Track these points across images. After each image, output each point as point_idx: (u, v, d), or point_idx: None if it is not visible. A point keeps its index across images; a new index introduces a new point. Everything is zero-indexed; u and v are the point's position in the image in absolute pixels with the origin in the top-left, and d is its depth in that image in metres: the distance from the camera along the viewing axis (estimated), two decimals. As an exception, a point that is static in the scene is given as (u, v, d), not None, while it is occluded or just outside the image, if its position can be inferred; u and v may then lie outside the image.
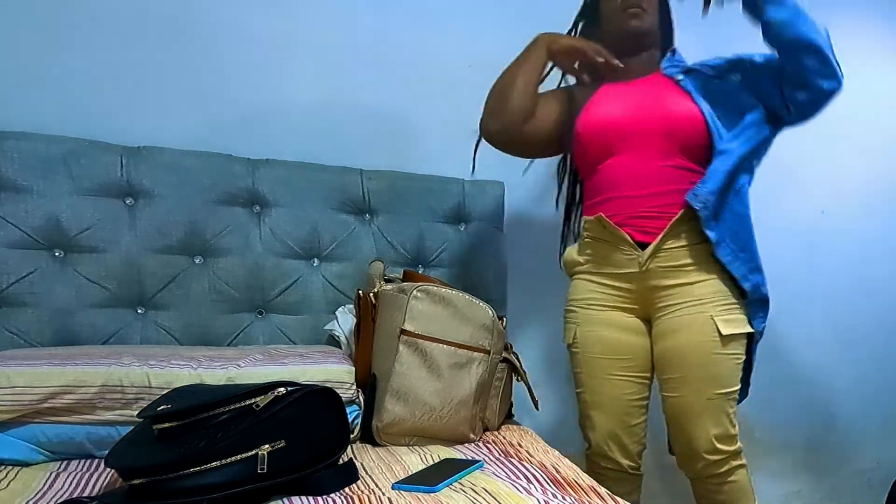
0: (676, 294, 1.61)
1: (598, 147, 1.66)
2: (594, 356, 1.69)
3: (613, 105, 1.66)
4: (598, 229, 1.66)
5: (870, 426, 2.73)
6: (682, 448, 1.67)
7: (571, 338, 1.73)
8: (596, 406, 1.71)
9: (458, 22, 2.09)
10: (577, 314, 1.72)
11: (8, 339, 1.55)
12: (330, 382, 1.44)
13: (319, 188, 1.85)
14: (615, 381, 1.69)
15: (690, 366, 1.60)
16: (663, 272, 1.61)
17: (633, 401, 1.70)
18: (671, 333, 1.62)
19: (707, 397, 1.60)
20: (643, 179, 1.61)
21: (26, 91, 1.67)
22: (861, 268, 2.68)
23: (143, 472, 1.08)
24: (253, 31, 1.86)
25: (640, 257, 1.61)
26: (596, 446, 1.73)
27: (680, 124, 1.60)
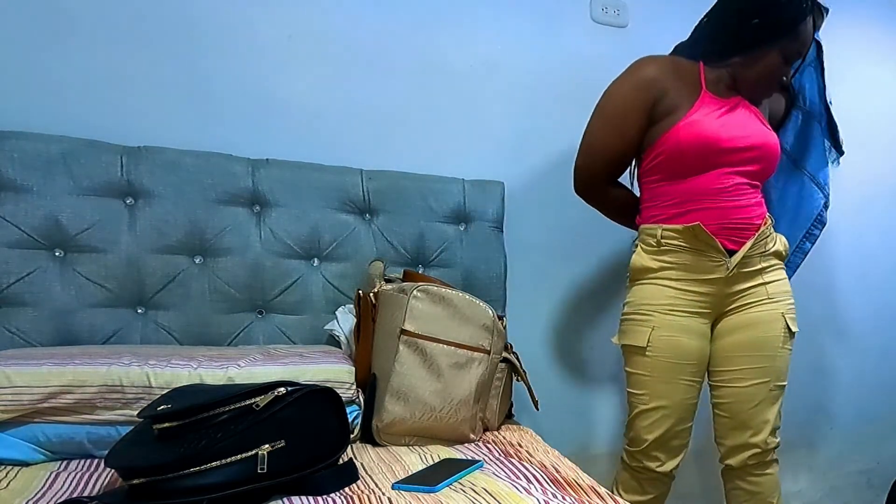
0: (752, 293, 1.73)
1: (702, 159, 1.66)
2: (668, 360, 1.70)
3: (717, 124, 1.67)
4: (689, 237, 1.67)
5: (870, 426, 2.73)
6: (737, 438, 1.76)
7: (645, 341, 1.71)
8: (657, 410, 1.72)
9: (458, 22, 2.09)
10: (653, 318, 1.71)
11: (8, 339, 1.54)
12: (330, 382, 1.44)
13: (319, 188, 1.84)
14: (681, 385, 1.72)
15: (760, 358, 1.73)
16: (744, 276, 1.71)
17: (691, 404, 1.75)
18: (744, 328, 1.73)
19: (769, 388, 1.74)
20: (732, 193, 1.69)
21: (26, 91, 1.67)
22: (861, 267, 2.68)
23: (143, 472, 1.08)
24: (253, 31, 1.86)
25: (728, 264, 1.68)
26: (650, 447, 1.74)
27: (771, 159, 1.74)
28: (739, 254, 1.68)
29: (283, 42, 1.89)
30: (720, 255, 1.67)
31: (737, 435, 1.76)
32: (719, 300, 1.72)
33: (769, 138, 1.73)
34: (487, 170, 2.07)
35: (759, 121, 1.75)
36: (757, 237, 1.70)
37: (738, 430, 1.75)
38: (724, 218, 1.68)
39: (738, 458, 1.77)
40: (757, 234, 1.70)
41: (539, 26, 2.17)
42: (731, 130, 1.67)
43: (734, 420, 1.75)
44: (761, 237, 1.71)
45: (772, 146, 1.73)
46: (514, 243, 2.09)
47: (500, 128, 2.14)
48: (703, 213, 1.68)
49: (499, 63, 2.12)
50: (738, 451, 1.77)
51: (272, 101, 1.88)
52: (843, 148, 2.00)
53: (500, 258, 2.03)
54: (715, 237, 1.66)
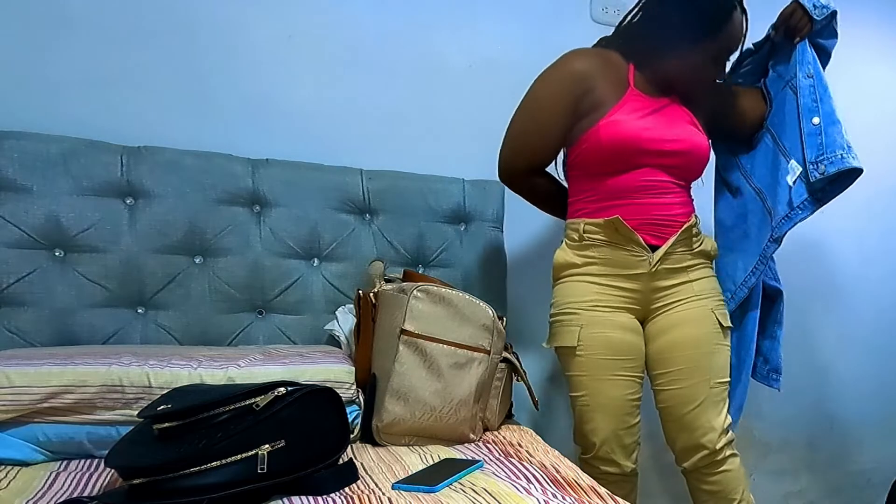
0: (678, 291, 1.71)
1: (623, 159, 1.65)
2: (600, 357, 1.68)
3: (641, 122, 1.65)
4: (610, 231, 1.66)
5: (870, 426, 2.73)
6: (684, 440, 1.72)
7: (575, 340, 1.69)
8: (599, 409, 1.70)
9: (458, 22, 2.09)
10: (580, 316, 1.69)
11: (8, 339, 1.55)
12: (330, 382, 1.44)
13: (319, 188, 1.85)
14: (618, 381, 1.69)
15: (694, 357, 1.69)
16: (668, 273, 1.70)
17: (632, 400, 1.72)
18: (673, 328, 1.70)
19: (710, 386, 1.69)
20: (655, 191, 1.68)
21: (27, 91, 1.67)
22: (861, 267, 2.68)
23: (144, 472, 1.08)
24: (253, 30, 1.86)
25: (651, 259, 1.66)
26: (600, 450, 1.71)
27: (698, 159, 1.73)
28: (662, 248, 1.66)
29: (283, 42, 1.89)
30: (642, 249, 1.66)
31: (684, 437, 1.72)
32: (645, 296, 1.70)
33: (696, 140, 1.70)
34: (487, 170, 2.06)
35: (689, 122, 1.72)
36: (680, 234, 1.68)
37: (685, 433, 1.71)
38: (646, 214, 1.67)
39: (691, 461, 1.73)
40: (680, 231, 1.68)
41: (539, 26, 2.17)
42: (653, 132, 1.65)
43: (679, 423, 1.71)
44: (686, 234, 1.69)
45: (698, 148, 1.71)
46: (514, 243, 2.09)
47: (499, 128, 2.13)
48: (625, 209, 1.66)
49: (499, 63, 2.12)
50: (688, 453, 1.73)
51: (272, 101, 1.88)
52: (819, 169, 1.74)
53: (500, 258, 2.03)
54: (636, 231, 1.65)
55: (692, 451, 1.71)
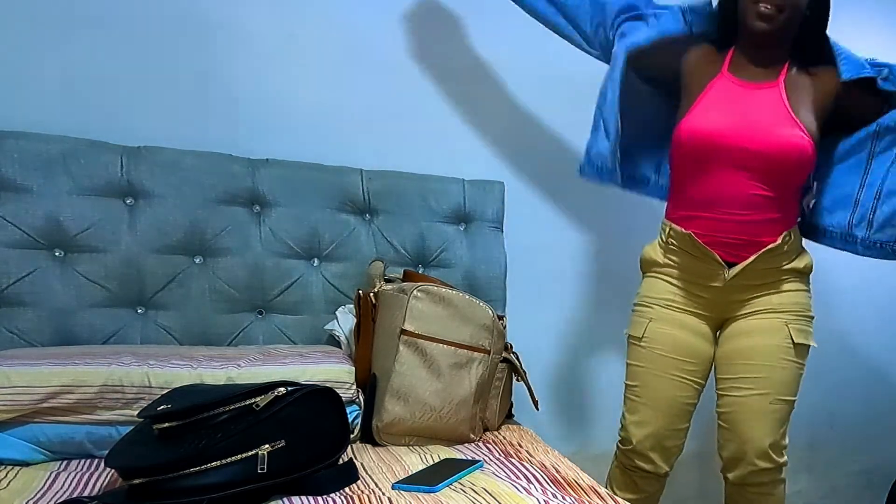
0: (755, 302, 1.67)
1: (698, 158, 1.61)
2: (661, 353, 1.68)
3: (722, 116, 1.59)
4: (688, 244, 1.66)
5: (870, 426, 2.73)
6: (734, 450, 1.69)
7: (642, 332, 1.70)
8: (650, 404, 1.70)
9: (458, 22, 2.09)
10: (652, 310, 1.71)
11: (8, 339, 1.54)
12: (330, 382, 1.44)
13: (319, 188, 1.84)
14: (675, 381, 1.69)
15: (758, 367, 1.65)
16: (746, 287, 1.66)
17: (685, 404, 1.71)
18: (744, 335, 1.68)
19: (769, 401, 1.64)
20: (737, 204, 1.60)
21: (26, 91, 1.66)
22: (861, 268, 2.67)
23: (143, 472, 1.08)
24: (253, 30, 1.86)
25: (726, 274, 1.63)
26: (638, 444, 1.71)
27: (786, 158, 1.57)
28: (738, 267, 1.62)
29: (284, 42, 1.89)
30: (718, 265, 1.63)
31: (734, 447, 1.69)
32: (721, 305, 1.69)
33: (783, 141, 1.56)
34: (487, 170, 2.07)
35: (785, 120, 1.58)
36: (761, 254, 1.61)
37: (736, 442, 1.68)
38: (723, 231, 1.62)
39: (736, 474, 1.70)
40: (761, 252, 1.61)
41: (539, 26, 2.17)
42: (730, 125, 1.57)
43: (733, 431, 1.68)
44: (770, 254, 1.62)
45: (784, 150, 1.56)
46: (514, 243, 2.09)
47: (500, 128, 2.14)
48: (703, 223, 1.63)
49: (499, 63, 2.12)
50: (736, 465, 1.69)
51: (272, 101, 1.88)
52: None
53: (500, 258, 2.03)
54: (711, 248, 1.62)
55: (739, 464, 1.68)
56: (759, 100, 1.60)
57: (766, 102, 1.60)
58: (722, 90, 1.63)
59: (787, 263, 1.67)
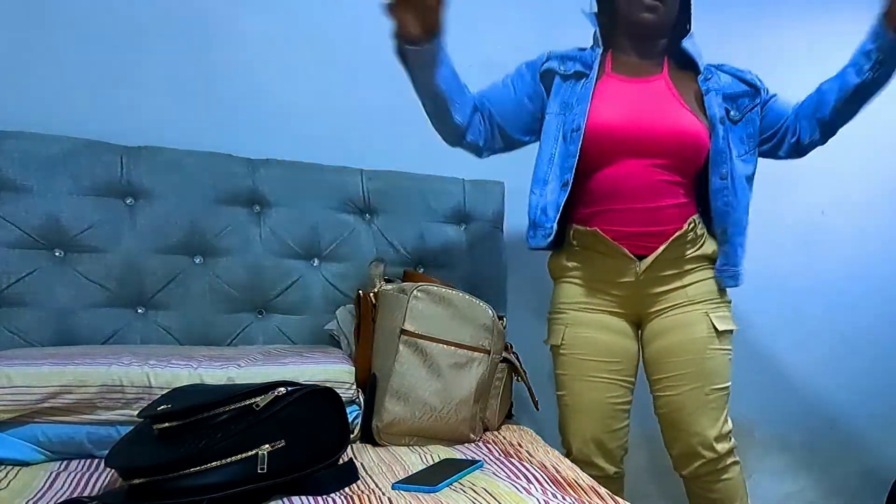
0: (671, 296, 1.66)
1: (597, 152, 1.61)
2: (582, 358, 1.67)
3: (617, 109, 1.61)
4: (594, 242, 1.64)
5: (870, 426, 2.73)
6: (680, 447, 1.69)
7: (559, 339, 1.69)
8: (579, 409, 1.68)
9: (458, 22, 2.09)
10: (567, 316, 1.69)
11: (8, 339, 1.55)
12: (330, 382, 1.44)
13: (319, 188, 1.85)
14: (601, 383, 1.67)
15: (687, 363, 1.64)
16: (659, 279, 1.64)
17: (617, 404, 1.68)
18: (665, 332, 1.66)
19: (704, 393, 1.63)
20: (640, 193, 1.60)
21: (27, 91, 1.67)
22: (861, 268, 2.68)
23: (144, 472, 1.08)
24: (253, 30, 1.86)
25: (637, 268, 1.62)
26: (577, 452, 1.69)
27: (687, 143, 1.61)
28: (648, 259, 1.61)
29: (284, 42, 1.89)
30: (628, 260, 1.61)
31: (681, 444, 1.68)
32: (636, 300, 1.66)
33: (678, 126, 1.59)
34: (487, 170, 2.06)
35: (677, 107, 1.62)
36: (669, 244, 1.60)
37: (681, 440, 1.67)
38: (628, 222, 1.60)
39: (689, 469, 1.69)
40: (669, 241, 1.60)
41: (539, 26, 2.17)
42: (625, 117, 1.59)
43: (675, 429, 1.68)
44: (677, 243, 1.61)
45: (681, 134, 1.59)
46: (514, 243, 2.09)
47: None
48: (609, 216, 1.62)
49: (499, 63, 2.12)
50: (686, 460, 1.69)
51: (272, 101, 1.88)
52: None
53: (500, 258, 2.03)
54: (619, 243, 1.60)
55: (689, 459, 1.68)
56: (648, 91, 1.63)
57: (655, 92, 1.63)
58: (611, 90, 1.64)
59: (695, 250, 1.65)
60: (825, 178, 2.59)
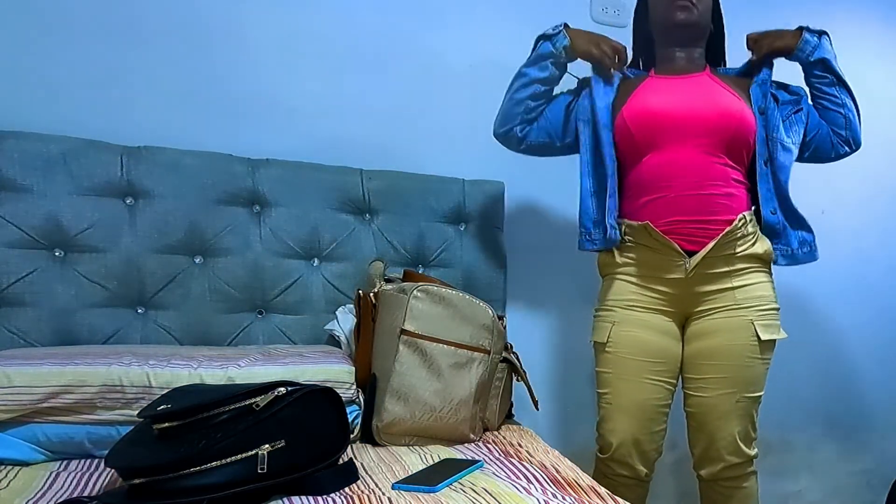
0: (718, 298, 1.65)
1: (644, 138, 1.63)
2: (628, 357, 1.66)
3: (661, 96, 1.66)
4: (644, 236, 1.64)
5: (870, 426, 2.73)
6: (704, 448, 1.70)
7: (606, 336, 1.68)
8: (621, 410, 1.68)
9: (458, 22, 2.09)
10: (615, 314, 1.68)
11: (8, 339, 1.55)
12: (330, 382, 1.44)
13: (319, 188, 1.84)
14: (645, 384, 1.66)
15: (725, 368, 1.65)
16: (708, 277, 1.64)
17: (659, 406, 1.69)
18: (709, 334, 1.66)
19: (736, 399, 1.65)
20: (689, 178, 1.62)
21: (27, 91, 1.67)
22: (860, 268, 2.68)
23: (143, 472, 1.08)
24: (253, 30, 1.86)
25: (687, 264, 1.62)
26: (616, 452, 1.68)
27: (729, 121, 1.63)
28: (698, 255, 1.61)
29: (284, 42, 1.89)
30: (678, 255, 1.62)
31: (705, 446, 1.69)
32: (684, 299, 1.66)
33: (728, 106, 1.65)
34: (487, 170, 2.07)
35: (723, 90, 1.69)
36: (720, 239, 1.60)
37: (706, 441, 1.69)
38: (679, 210, 1.61)
39: (709, 471, 1.71)
40: (719, 237, 1.60)
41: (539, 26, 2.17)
42: (670, 102, 1.65)
43: (702, 430, 1.69)
44: (728, 238, 1.61)
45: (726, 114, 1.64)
46: (514, 243, 2.09)
47: (500, 128, 2.13)
48: (656, 205, 1.63)
49: (499, 63, 2.12)
50: (707, 462, 1.70)
51: (272, 101, 1.88)
52: None
53: (500, 258, 2.03)
54: (669, 236, 1.61)
55: (711, 461, 1.69)
56: (692, 83, 1.69)
57: (699, 84, 1.69)
58: (654, 85, 1.71)
59: (746, 248, 1.65)
60: (825, 178, 2.59)
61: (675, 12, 1.67)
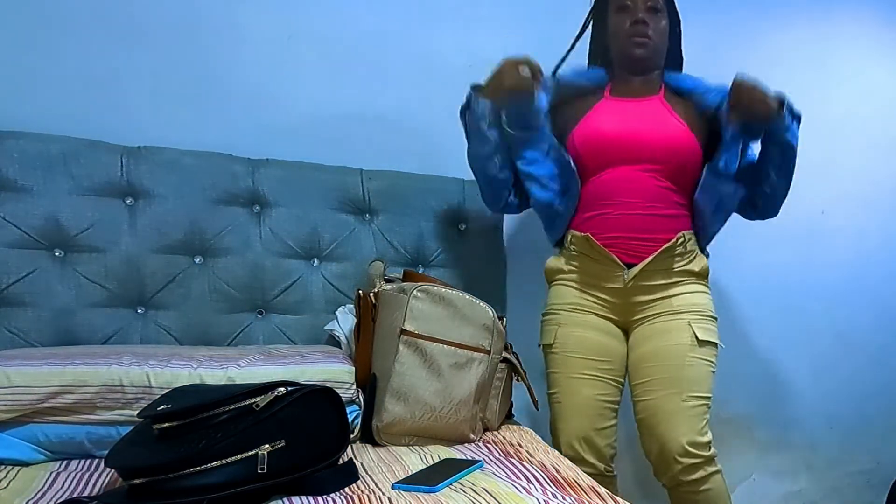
0: (656, 305, 1.72)
1: (594, 159, 1.71)
2: (573, 356, 1.73)
3: (612, 120, 1.72)
4: (586, 247, 1.72)
5: (870, 426, 2.73)
6: (656, 452, 1.70)
7: (552, 339, 1.76)
8: (569, 407, 1.74)
9: (458, 22, 2.09)
10: (560, 316, 1.76)
11: (8, 339, 1.55)
12: (330, 382, 1.44)
13: (319, 188, 1.85)
14: (591, 380, 1.72)
15: (666, 368, 1.69)
16: (646, 288, 1.72)
17: (606, 402, 1.74)
18: (648, 339, 1.72)
19: (681, 399, 1.66)
20: (633, 197, 1.69)
21: (26, 91, 1.67)
22: (860, 268, 2.68)
23: (144, 472, 1.08)
24: (253, 31, 1.86)
25: (626, 275, 1.69)
26: (568, 448, 1.72)
27: (677, 149, 1.69)
28: (636, 269, 1.69)
29: (283, 42, 1.89)
30: (618, 267, 1.69)
31: (658, 451, 1.69)
32: (624, 307, 1.74)
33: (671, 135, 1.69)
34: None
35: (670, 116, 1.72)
36: (658, 255, 1.68)
37: (658, 446, 1.68)
38: (620, 227, 1.69)
39: (667, 476, 1.69)
40: (658, 252, 1.67)
41: (539, 26, 2.17)
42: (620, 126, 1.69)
43: (652, 435, 1.69)
44: (666, 254, 1.68)
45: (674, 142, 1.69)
46: (514, 243, 2.09)
47: (500, 128, 2.13)
48: (599, 220, 1.71)
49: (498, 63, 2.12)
50: (663, 466, 1.69)
51: (272, 100, 1.88)
52: None
53: (500, 258, 2.03)
54: (609, 249, 1.68)
55: (665, 465, 1.68)
56: (643, 107, 1.74)
57: (650, 108, 1.74)
58: (606, 107, 1.75)
59: (683, 265, 1.72)
60: (825, 178, 2.59)
61: (632, 49, 1.73)
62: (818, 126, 2.54)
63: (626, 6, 1.72)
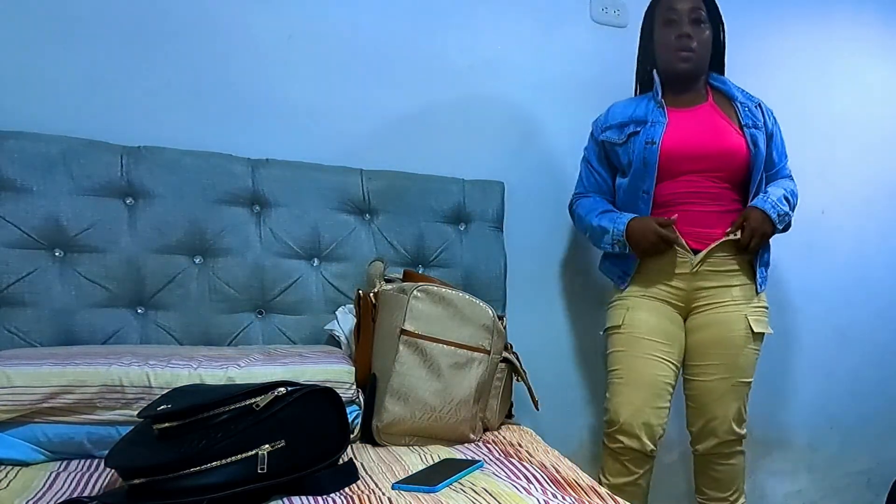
0: (717, 294, 1.86)
1: (662, 171, 1.82)
2: (640, 336, 1.85)
3: (674, 135, 1.83)
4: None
5: (870, 426, 2.73)
6: (701, 426, 1.91)
7: (620, 320, 1.87)
8: (630, 383, 1.84)
9: (458, 22, 2.09)
10: (629, 301, 1.89)
11: (8, 339, 1.54)
12: (330, 382, 1.44)
13: (319, 188, 1.84)
14: (652, 360, 1.84)
15: (721, 355, 1.86)
16: (710, 275, 1.84)
17: (665, 383, 1.85)
18: (708, 326, 1.86)
19: (731, 384, 1.86)
20: (698, 198, 1.83)
21: (26, 91, 1.66)
22: (860, 267, 2.68)
23: (143, 472, 1.08)
24: (253, 30, 1.86)
25: (693, 260, 1.81)
26: (624, 422, 1.82)
27: (734, 154, 1.83)
28: (703, 253, 1.81)
29: (283, 42, 1.89)
30: (686, 251, 1.82)
31: (702, 424, 1.90)
32: (689, 293, 1.86)
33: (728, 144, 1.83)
34: (487, 170, 2.07)
35: (723, 123, 1.85)
36: (718, 244, 1.81)
37: (704, 419, 1.90)
38: (688, 221, 1.82)
39: (705, 445, 1.91)
40: (718, 242, 1.81)
41: (539, 26, 2.17)
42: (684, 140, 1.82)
43: (700, 409, 1.90)
44: (730, 242, 1.81)
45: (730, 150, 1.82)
46: (514, 243, 2.09)
47: (500, 128, 2.14)
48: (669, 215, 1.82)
49: (499, 63, 2.12)
50: (703, 438, 1.91)
51: (272, 101, 1.88)
52: None
53: (500, 258, 2.03)
54: (682, 236, 1.81)
55: (707, 437, 1.90)
56: (699, 117, 1.87)
57: (704, 117, 1.87)
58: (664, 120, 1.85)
59: (738, 253, 1.85)
60: (825, 178, 2.60)
61: (678, 63, 1.85)
62: (818, 126, 2.56)
63: (672, 20, 1.83)
